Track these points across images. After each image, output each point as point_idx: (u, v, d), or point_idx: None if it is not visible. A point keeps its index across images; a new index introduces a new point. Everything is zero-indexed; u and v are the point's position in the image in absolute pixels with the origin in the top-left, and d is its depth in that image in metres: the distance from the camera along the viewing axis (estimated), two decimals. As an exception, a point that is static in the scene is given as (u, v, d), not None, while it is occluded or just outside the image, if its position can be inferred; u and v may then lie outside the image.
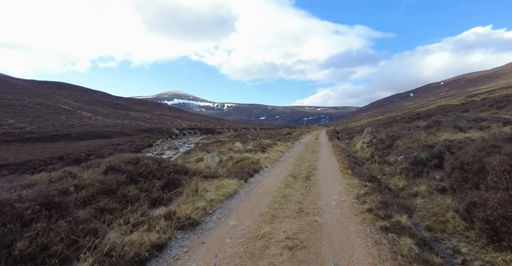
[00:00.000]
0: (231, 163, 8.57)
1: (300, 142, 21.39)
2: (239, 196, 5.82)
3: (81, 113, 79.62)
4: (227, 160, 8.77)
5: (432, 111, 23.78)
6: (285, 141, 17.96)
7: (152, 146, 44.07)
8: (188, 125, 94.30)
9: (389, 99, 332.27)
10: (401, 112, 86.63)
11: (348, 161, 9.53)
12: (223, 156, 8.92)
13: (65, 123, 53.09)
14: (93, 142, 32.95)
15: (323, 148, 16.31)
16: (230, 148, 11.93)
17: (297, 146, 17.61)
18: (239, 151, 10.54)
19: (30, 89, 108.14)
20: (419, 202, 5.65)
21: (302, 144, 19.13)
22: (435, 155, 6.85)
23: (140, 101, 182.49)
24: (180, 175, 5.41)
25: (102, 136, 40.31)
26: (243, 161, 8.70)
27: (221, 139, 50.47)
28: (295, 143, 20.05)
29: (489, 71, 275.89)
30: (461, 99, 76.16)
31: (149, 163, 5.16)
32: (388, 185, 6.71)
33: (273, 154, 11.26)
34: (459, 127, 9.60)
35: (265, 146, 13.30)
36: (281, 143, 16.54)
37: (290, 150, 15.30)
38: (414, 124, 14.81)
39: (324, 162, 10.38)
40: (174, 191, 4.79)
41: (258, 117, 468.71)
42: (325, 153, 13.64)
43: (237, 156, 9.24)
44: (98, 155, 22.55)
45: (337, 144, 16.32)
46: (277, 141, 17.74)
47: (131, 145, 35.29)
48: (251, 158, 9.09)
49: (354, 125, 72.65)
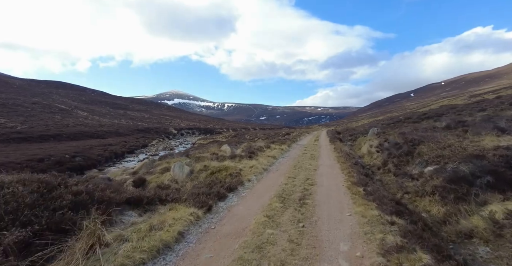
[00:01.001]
0: (204, 174, 6.58)
1: (298, 144, 19.32)
2: (181, 246, 3.43)
3: (78, 112, 78.29)
4: (200, 171, 6.83)
5: (441, 110, 22.24)
6: (280, 143, 15.83)
7: (147, 146, 42.69)
8: (186, 125, 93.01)
9: (389, 99, 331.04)
10: (403, 113, 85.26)
11: (357, 171, 7.59)
12: (197, 164, 7.15)
13: (59, 123, 51.74)
14: (84, 142, 31.56)
15: (323, 151, 14.29)
16: (214, 153, 10.00)
17: (294, 149, 15.41)
18: (221, 158, 8.76)
19: (27, 89, 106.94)
20: (482, 252, 3.43)
21: (300, 147, 17.08)
22: (486, 169, 4.87)
23: (139, 101, 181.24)
24: (86, 207, 3.10)
25: (96, 136, 38.92)
26: (220, 172, 6.75)
27: (218, 139, 49.18)
28: (292, 145, 17.96)
29: (490, 71, 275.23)
30: (464, 99, 74.81)
31: (20, 192, 2.82)
32: (422, 217, 4.45)
33: (263, 161, 9.40)
34: (501, 128, 7.51)
35: (255, 150, 11.52)
36: (276, 146, 14.52)
37: (285, 154, 13.17)
38: (427, 125, 13.20)
39: (326, 172, 8.41)
40: (54, 248, 2.54)
41: (258, 117, 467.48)
42: (326, 158, 11.71)
43: (214, 165, 7.33)
44: (85, 157, 21.14)
45: (339, 147, 14.28)
46: (272, 143, 15.77)
47: (124, 145, 33.88)
48: (232, 167, 7.19)
49: (355, 126, 71.16)
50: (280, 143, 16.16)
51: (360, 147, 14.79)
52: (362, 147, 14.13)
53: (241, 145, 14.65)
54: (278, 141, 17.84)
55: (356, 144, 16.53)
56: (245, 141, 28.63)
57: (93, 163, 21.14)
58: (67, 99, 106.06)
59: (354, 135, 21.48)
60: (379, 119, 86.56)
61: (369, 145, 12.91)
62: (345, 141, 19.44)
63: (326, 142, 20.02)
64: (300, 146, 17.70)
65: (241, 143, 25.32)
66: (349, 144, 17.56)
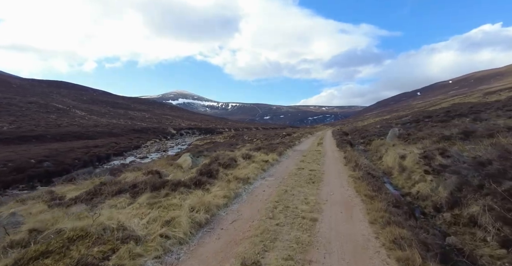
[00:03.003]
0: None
1: (295, 151, 14.74)
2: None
3: (75, 112, 76.51)
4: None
5: (463, 108, 19.18)
6: (269, 151, 11.38)
7: (140, 147, 40.27)
8: (187, 125, 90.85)
9: (396, 98, 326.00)
10: (410, 112, 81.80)
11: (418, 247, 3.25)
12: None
13: (52, 123, 49.68)
14: (69, 143, 29.21)
15: (330, 165, 9.75)
16: (151, 171, 6.45)
17: (287, 160, 10.99)
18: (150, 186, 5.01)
19: (27, 88, 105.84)
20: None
21: (297, 155, 12.68)
22: None
23: (142, 100, 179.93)
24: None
25: (85, 137, 36.58)
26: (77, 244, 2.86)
27: (216, 140, 46.73)
28: (287, 152, 13.41)
29: (501, 69, 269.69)
30: (478, 96, 71.04)
31: None
32: None
33: (218, 193, 5.27)
34: None
35: (226, 162, 7.89)
36: (261, 155, 10.17)
37: (270, 170, 8.73)
38: (476, 125, 10.05)
39: (338, 231, 4.14)
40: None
41: (262, 117, 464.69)
42: (335, 181, 7.15)
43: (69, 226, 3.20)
44: (57, 161, 18.68)
45: (352, 157, 9.86)
46: (257, 150, 11.55)
47: (112, 147, 31.39)
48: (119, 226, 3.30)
49: (361, 125, 67.91)
50: (269, 150, 11.66)
51: (379, 155, 11.13)
52: (385, 156, 10.30)
53: (209, 155, 10.63)
54: (267, 148, 12.87)
55: (371, 148, 12.99)
56: (244, 141, 25.94)
57: (65, 168, 18.59)
58: (67, 99, 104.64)
59: (367, 136, 17.72)
60: (385, 118, 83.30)
61: (398, 155, 8.97)
62: (356, 145, 16.05)
63: (332, 147, 16.05)
64: (297, 153, 13.37)
65: (237, 143, 22.67)
66: (361, 148, 14.13)
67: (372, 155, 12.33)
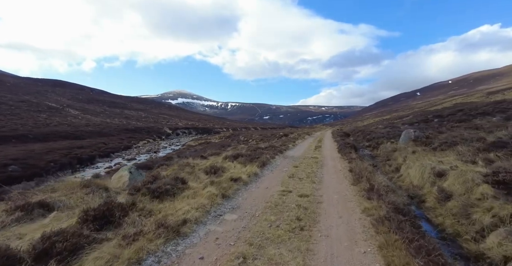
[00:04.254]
0: None
1: (286, 157, 11.95)
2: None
3: (69, 111, 74.59)
4: None
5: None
6: (251, 160, 8.81)
7: (130, 148, 38.41)
8: (185, 124, 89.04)
9: (395, 98, 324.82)
10: (411, 112, 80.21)
11: None
12: None
13: (41, 122, 47.77)
14: (51, 144, 27.41)
15: (330, 182, 7.06)
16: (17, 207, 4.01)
17: (269, 175, 8.03)
18: None
19: (21, 87, 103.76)
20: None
21: (287, 163, 10.09)
22: None
23: (140, 100, 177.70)
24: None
25: (72, 137, 34.73)
26: None
27: (211, 140, 44.92)
28: (275, 160, 10.64)
29: (500, 69, 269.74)
30: (481, 96, 69.39)
31: None
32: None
33: None
34: None
35: (150, 195, 4.87)
36: (237, 166, 7.92)
37: (236, 198, 5.86)
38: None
39: None
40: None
41: (262, 116, 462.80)
42: (342, 225, 4.20)
43: None
44: (26, 165, 16.86)
45: (362, 172, 7.05)
46: (235, 158, 8.95)
47: (99, 148, 29.55)
48: None
49: (361, 125, 66.12)
50: (250, 159, 8.94)
51: (395, 165, 8.56)
52: (405, 167, 7.70)
53: (171, 166, 8.06)
54: (254, 153, 10.34)
55: (379, 153, 10.91)
56: (233, 144, 24.12)
57: (36, 172, 16.70)
58: (62, 97, 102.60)
59: (373, 139, 15.31)
60: (385, 118, 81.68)
61: (431, 171, 6.30)
62: (361, 149, 13.87)
63: (332, 152, 13.22)
64: (288, 162, 10.35)
65: (226, 146, 20.84)
66: (367, 153, 11.67)
67: (383, 162, 9.88)
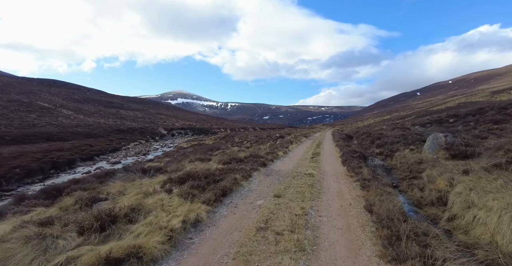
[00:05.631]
0: None
1: (269, 173, 8.44)
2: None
3: (61, 111, 72.49)
4: None
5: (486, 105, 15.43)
6: (200, 192, 5.34)
7: (119, 150, 36.29)
8: (181, 125, 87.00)
9: (395, 98, 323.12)
10: (412, 112, 78.32)
11: None
12: None
13: (28, 122, 45.65)
14: (27, 146, 25.34)
15: (334, 238, 3.77)
16: None
17: (223, 221, 4.53)
18: None
19: (14, 86, 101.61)
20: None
21: (265, 187, 6.75)
22: None
23: (138, 100, 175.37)
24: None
25: (55, 138, 32.68)
26: None
27: (204, 142, 42.77)
28: (249, 182, 7.22)
29: (499, 69, 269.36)
30: (485, 96, 67.45)
31: None
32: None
33: None
34: None
35: None
36: (174, 203, 4.62)
37: None
38: None
39: None
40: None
41: (261, 116, 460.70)
42: None
43: None
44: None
45: (391, 214, 3.93)
46: (180, 184, 5.77)
47: (82, 150, 27.49)
48: None
49: (361, 125, 64.11)
50: (200, 189, 5.60)
51: (438, 194, 5.18)
52: (463, 206, 4.31)
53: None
54: (211, 177, 6.43)
55: (396, 164, 8.45)
56: (224, 146, 22.08)
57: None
58: (56, 97, 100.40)
59: (385, 145, 12.39)
60: (386, 118, 79.77)
61: None
62: (370, 157, 11.03)
63: (335, 164, 9.81)
64: (268, 184, 7.02)
65: (215, 149, 18.79)
66: (378, 162, 9.33)
67: (408, 182, 6.79)
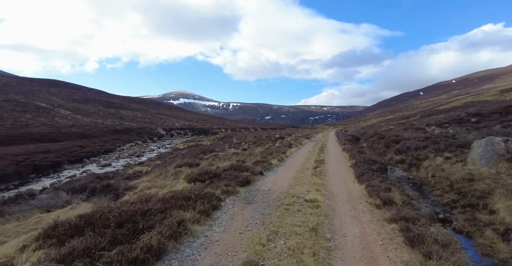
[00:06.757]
0: None
1: (249, 201, 5.64)
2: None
3: (58, 111, 71.32)
4: None
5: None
6: None
7: (112, 151, 34.81)
8: (181, 125, 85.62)
9: (397, 98, 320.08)
10: (416, 111, 76.24)
11: None
12: None
13: (22, 122, 44.36)
14: (12, 148, 23.91)
15: None
16: None
17: None
18: None
19: (13, 86, 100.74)
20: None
21: (245, 225, 4.37)
22: None
23: (139, 100, 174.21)
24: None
25: (46, 139, 31.31)
26: None
27: (202, 142, 41.24)
28: (222, 210, 4.96)
29: (503, 69, 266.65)
30: (494, 94, 65.30)
31: None
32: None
33: None
34: None
35: None
36: None
37: None
38: None
39: None
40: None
41: (263, 116, 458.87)
42: None
43: None
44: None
45: None
46: None
47: (71, 152, 26.04)
48: None
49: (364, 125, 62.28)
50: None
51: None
52: None
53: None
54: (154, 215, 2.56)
55: (428, 178, 7.00)
56: (218, 148, 20.52)
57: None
58: (55, 97, 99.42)
59: (407, 150, 10.28)
60: (389, 118, 77.81)
61: None
62: (390, 167, 9.14)
63: (346, 179, 7.71)
64: (238, 233, 4.08)
65: (207, 152, 17.23)
66: (400, 174, 7.77)
67: (460, 213, 5.26)
